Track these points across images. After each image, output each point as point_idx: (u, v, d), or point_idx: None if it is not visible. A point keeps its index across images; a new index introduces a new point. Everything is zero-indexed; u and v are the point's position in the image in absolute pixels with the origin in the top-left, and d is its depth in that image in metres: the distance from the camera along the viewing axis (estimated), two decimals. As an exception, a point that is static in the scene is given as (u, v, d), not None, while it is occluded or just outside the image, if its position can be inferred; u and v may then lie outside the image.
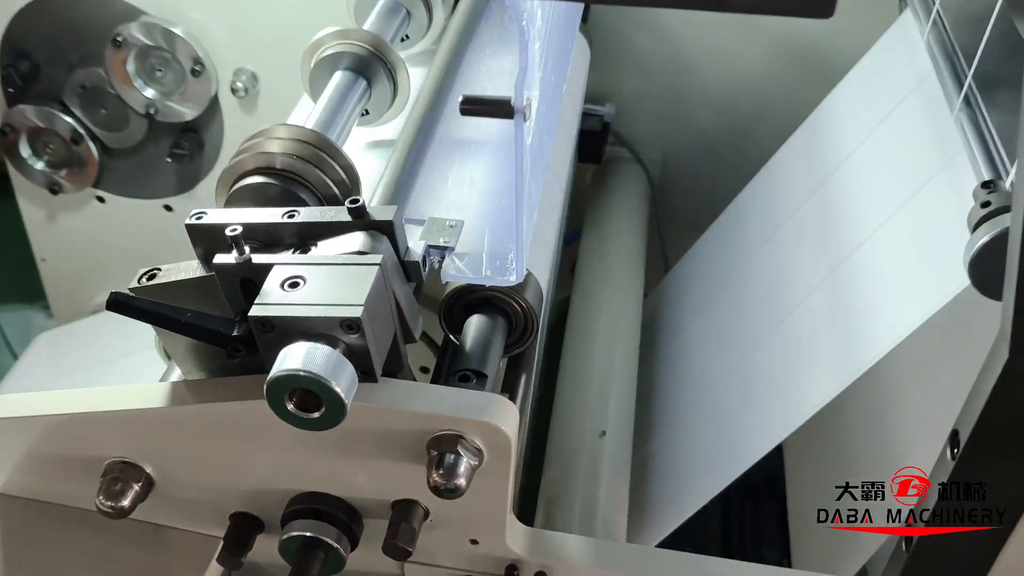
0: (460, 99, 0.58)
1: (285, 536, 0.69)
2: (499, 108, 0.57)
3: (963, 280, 0.72)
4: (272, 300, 0.59)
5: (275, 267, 0.61)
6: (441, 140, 0.81)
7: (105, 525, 0.70)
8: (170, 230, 1.57)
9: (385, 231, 0.64)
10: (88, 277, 1.66)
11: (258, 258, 0.62)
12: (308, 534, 0.68)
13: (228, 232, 0.62)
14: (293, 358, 0.56)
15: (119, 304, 0.60)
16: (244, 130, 1.44)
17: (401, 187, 0.72)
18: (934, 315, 0.75)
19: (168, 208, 1.55)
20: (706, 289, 1.15)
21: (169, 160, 1.44)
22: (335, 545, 0.69)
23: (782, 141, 1.21)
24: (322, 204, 0.72)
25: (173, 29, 1.34)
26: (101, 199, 1.55)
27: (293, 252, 0.64)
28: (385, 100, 0.89)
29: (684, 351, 1.13)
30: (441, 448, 0.63)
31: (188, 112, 1.40)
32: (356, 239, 0.63)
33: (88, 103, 1.43)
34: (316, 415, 0.57)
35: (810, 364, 0.86)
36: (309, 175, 0.71)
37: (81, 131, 1.44)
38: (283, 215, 0.66)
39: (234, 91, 1.37)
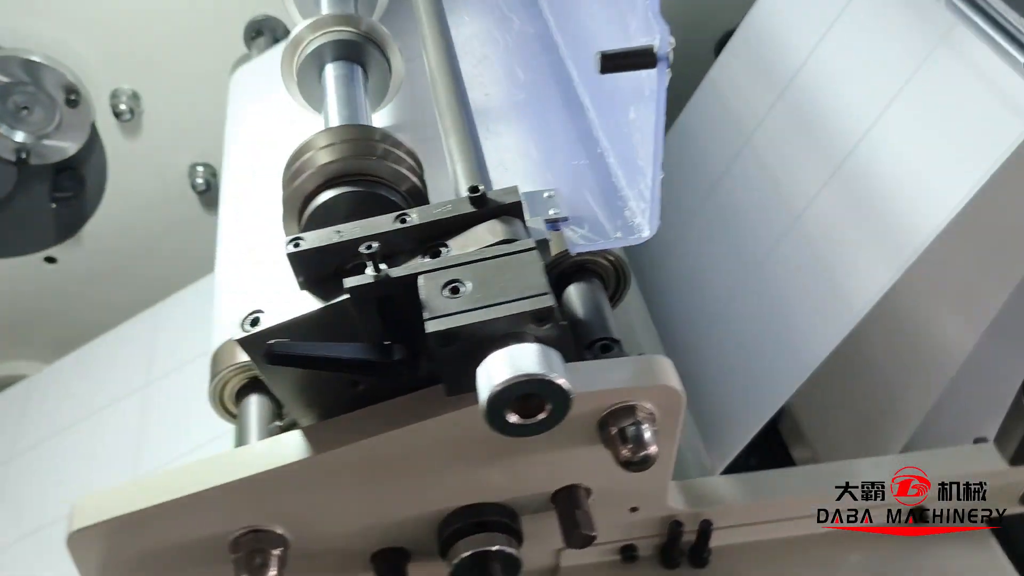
0: (598, 56, 0.54)
1: (456, 560, 0.64)
2: (642, 59, 0.54)
3: (1004, 149, 0.76)
4: (443, 311, 0.54)
5: (420, 277, 0.56)
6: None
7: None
8: (57, 285, 1.41)
9: (515, 213, 0.60)
10: (-32, 354, 1.48)
11: (396, 272, 0.56)
12: (481, 549, 0.64)
13: (363, 249, 0.56)
14: (503, 367, 0.51)
15: (282, 357, 0.53)
16: (130, 158, 1.31)
17: (481, 166, 0.67)
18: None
19: (51, 260, 1.39)
20: (677, 212, 1.15)
21: (54, 206, 1.29)
22: (510, 551, 0.65)
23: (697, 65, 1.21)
24: (405, 199, 0.66)
25: (32, 58, 1.18)
26: (-29, 264, 1.37)
27: (423, 257, 0.59)
28: (381, 84, 0.82)
29: (674, 273, 1.12)
30: (619, 423, 0.61)
31: (69, 147, 1.24)
32: (494, 228, 0.59)
33: (-57, 160, 1.25)
34: (543, 416, 0.52)
35: (850, 257, 0.88)
36: (383, 171, 0.66)
37: (-61, 192, 1.27)
38: (395, 220, 0.60)
39: (118, 115, 1.24)
